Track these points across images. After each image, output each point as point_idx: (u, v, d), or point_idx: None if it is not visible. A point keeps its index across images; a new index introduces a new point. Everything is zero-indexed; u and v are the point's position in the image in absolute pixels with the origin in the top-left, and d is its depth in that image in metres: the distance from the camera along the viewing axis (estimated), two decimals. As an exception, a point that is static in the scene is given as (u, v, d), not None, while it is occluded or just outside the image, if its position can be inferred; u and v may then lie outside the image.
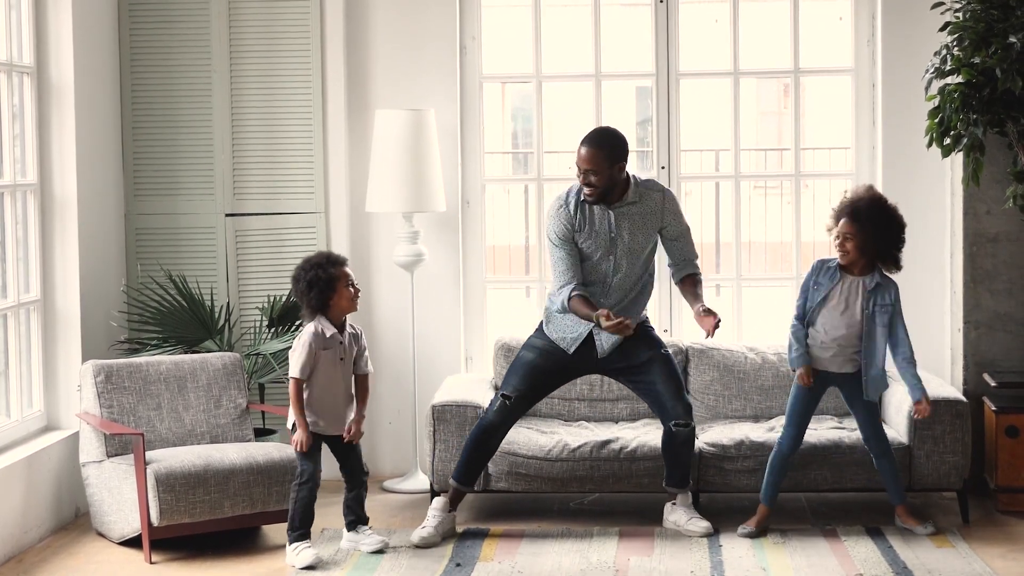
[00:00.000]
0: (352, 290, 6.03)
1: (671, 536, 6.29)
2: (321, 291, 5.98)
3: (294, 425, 6.00)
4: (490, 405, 6.38)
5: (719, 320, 6.11)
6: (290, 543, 5.99)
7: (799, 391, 6.27)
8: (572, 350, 6.31)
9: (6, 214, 6.47)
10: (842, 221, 6.19)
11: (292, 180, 7.39)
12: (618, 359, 6.33)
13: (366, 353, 6.14)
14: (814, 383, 6.24)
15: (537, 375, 6.35)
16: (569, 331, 6.31)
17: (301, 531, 6.00)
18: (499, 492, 6.63)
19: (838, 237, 6.21)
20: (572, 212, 6.26)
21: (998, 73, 6.15)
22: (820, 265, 6.29)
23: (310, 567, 5.89)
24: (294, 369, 5.97)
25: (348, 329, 6.08)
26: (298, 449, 5.96)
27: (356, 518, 6.18)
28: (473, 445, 6.35)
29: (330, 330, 6.00)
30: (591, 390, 7.07)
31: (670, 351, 6.45)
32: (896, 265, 6.26)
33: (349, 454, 6.11)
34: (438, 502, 6.35)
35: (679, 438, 6.28)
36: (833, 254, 6.29)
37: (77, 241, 6.75)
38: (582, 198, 6.26)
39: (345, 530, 6.19)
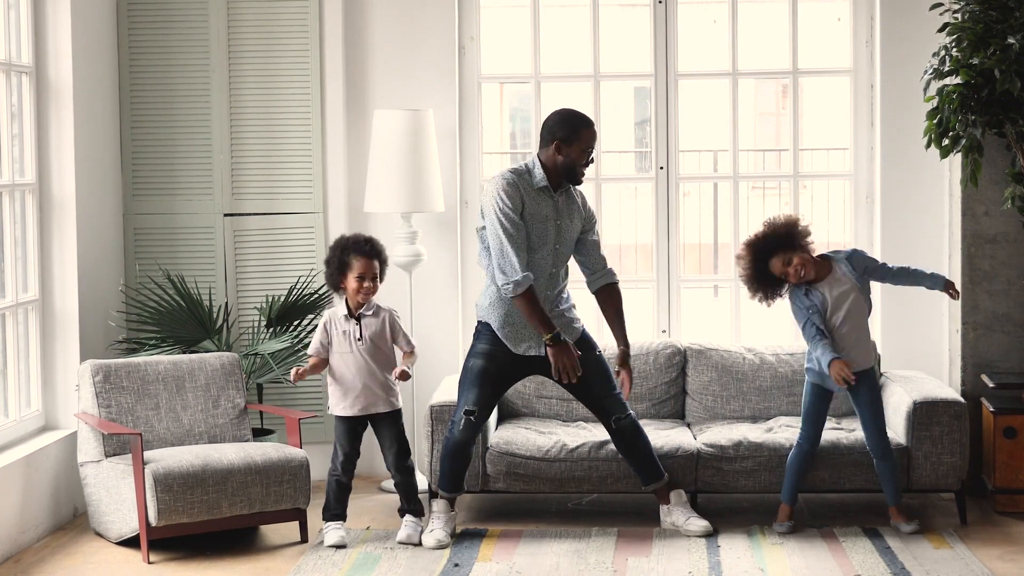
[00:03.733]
0: (358, 283, 6.19)
1: (669, 536, 6.29)
2: (332, 273, 6.27)
3: (328, 408, 6.37)
4: (454, 424, 6.32)
5: (631, 382, 6.34)
6: (323, 523, 6.32)
7: (811, 391, 6.35)
8: (544, 351, 6.26)
9: (4, 214, 6.47)
10: (787, 257, 6.23)
11: (290, 180, 7.39)
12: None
13: (401, 333, 6.29)
14: (822, 388, 6.33)
15: (492, 381, 6.31)
16: (538, 339, 6.23)
17: (329, 513, 6.29)
18: (497, 492, 6.63)
19: (794, 270, 6.23)
20: (522, 194, 6.22)
21: (997, 74, 6.15)
22: (797, 294, 6.31)
23: (336, 546, 6.15)
24: (310, 347, 6.34)
25: (369, 313, 6.24)
26: (294, 378, 6.19)
27: (401, 506, 6.34)
28: (450, 460, 6.33)
29: (344, 312, 6.26)
30: (589, 390, 7.07)
31: (602, 351, 6.44)
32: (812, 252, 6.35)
33: (384, 443, 6.29)
34: (440, 505, 6.35)
35: (625, 431, 6.30)
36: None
37: (75, 241, 6.75)
38: (542, 182, 6.23)
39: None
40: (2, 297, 6.47)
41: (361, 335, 6.24)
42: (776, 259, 6.28)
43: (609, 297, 6.44)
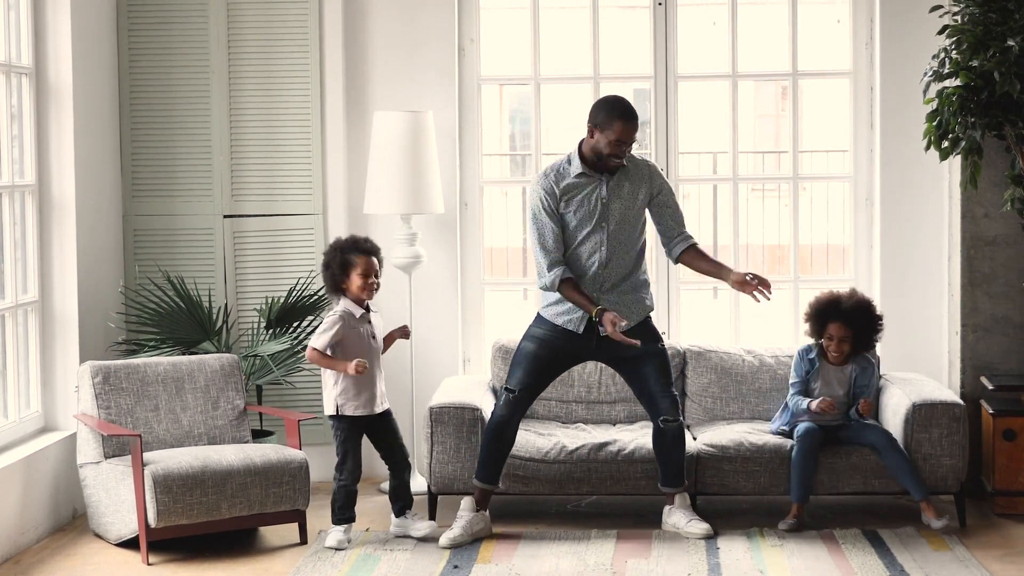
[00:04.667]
0: (363, 280, 6.22)
1: (668, 538, 6.29)
2: (333, 274, 6.24)
3: (337, 410, 6.23)
4: (497, 400, 6.42)
5: (767, 284, 6.18)
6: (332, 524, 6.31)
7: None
8: (582, 328, 6.27)
9: (4, 215, 6.47)
10: (835, 325, 6.55)
11: (290, 182, 7.39)
12: (615, 348, 6.32)
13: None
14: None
15: (539, 365, 6.36)
16: (575, 310, 6.27)
17: (336, 516, 6.27)
18: (496, 494, 6.62)
19: (832, 339, 6.55)
20: (556, 187, 6.24)
21: (996, 76, 6.15)
22: (804, 354, 6.62)
23: (333, 548, 6.16)
24: (316, 341, 6.18)
25: (371, 313, 6.30)
26: (358, 371, 6.08)
27: (403, 504, 6.35)
28: (489, 442, 6.36)
29: (359, 311, 6.26)
30: (588, 392, 7.07)
31: (666, 345, 6.46)
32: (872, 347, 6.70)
33: (386, 440, 6.31)
34: (465, 503, 6.38)
35: (668, 435, 6.30)
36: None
37: (75, 242, 6.75)
38: (590, 164, 6.26)
39: (393, 516, 6.37)
40: (2, 298, 6.47)
41: (375, 334, 6.29)
42: (841, 326, 6.54)
43: (695, 257, 6.34)
